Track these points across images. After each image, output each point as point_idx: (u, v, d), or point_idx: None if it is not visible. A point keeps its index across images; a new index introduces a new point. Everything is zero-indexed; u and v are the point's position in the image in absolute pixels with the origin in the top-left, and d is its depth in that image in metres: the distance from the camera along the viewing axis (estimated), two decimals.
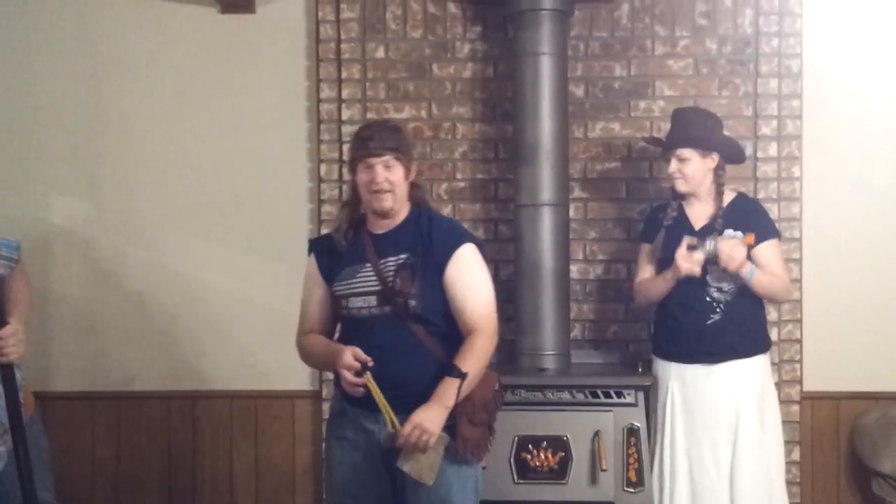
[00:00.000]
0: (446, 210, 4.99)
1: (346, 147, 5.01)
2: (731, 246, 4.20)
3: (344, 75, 5.07)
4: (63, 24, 5.21)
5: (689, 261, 4.21)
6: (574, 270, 4.96)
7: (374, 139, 3.58)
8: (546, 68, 4.69)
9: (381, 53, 5.08)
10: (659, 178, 4.98)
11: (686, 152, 4.32)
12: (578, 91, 5.02)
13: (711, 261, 4.23)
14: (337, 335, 3.77)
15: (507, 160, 5.01)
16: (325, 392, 5.01)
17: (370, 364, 3.43)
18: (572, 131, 4.95)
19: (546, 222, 4.68)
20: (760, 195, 4.85)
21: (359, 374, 3.42)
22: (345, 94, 5.07)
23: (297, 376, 5.11)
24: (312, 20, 5.11)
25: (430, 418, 3.40)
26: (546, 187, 4.68)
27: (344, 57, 5.07)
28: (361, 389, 3.43)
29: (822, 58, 4.99)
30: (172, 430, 5.17)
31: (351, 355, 3.44)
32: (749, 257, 4.28)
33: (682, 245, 4.24)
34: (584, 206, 5.04)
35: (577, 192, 5.02)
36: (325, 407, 4.93)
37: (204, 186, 5.16)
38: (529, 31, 4.68)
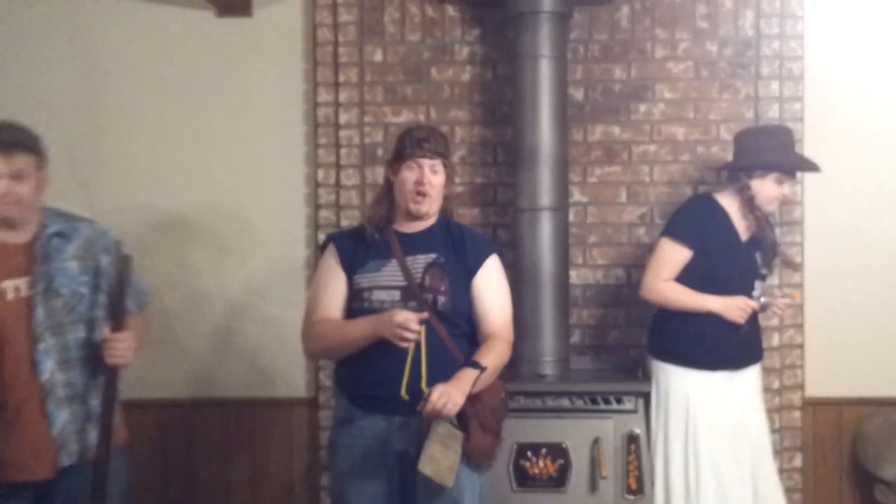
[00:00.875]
0: None
1: (343, 151, 5.01)
2: (783, 307, 4.36)
3: (341, 79, 5.04)
4: (60, 28, 5.19)
5: (747, 313, 4.29)
6: (573, 275, 4.93)
7: (429, 141, 3.64)
8: (545, 71, 4.66)
9: (378, 57, 5.06)
10: (658, 182, 4.97)
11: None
12: (578, 94, 4.99)
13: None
14: None
15: (506, 164, 4.98)
16: (321, 399, 4.98)
17: (425, 317, 3.43)
18: (572, 135, 4.92)
19: (545, 227, 4.65)
20: None
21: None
22: (342, 97, 5.04)
23: (294, 384, 5.12)
24: (310, 23, 5.09)
25: (455, 391, 3.40)
26: (545, 191, 4.65)
27: (341, 60, 5.04)
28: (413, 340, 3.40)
29: (824, 60, 4.97)
30: (168, 438, 5.14)
31: (405, 312, 3.41)
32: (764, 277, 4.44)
33: (753, 303, 4.30)
34: (583, 210, 5.01)
35: (576, 196, 4.99)
36: (323, 414, 4.93)
37: (200, 190, 5.13)
38: (528, 33, 4.65)
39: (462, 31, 5.04)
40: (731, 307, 4.27)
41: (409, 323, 3.36)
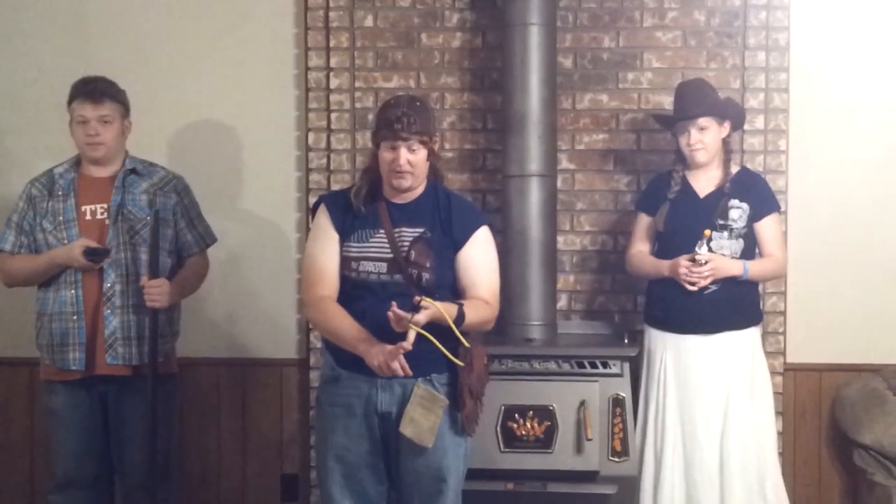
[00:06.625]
0: None
1: (334, 116, 5.05)
2: (712, 269, 4.29)
3: (332, 44, 5.06)
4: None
5: (688, 272, 4.29)
6: (561, 241, 4.98)
7: (402, 121, 3.58)
8: (535, 39, 4.68)
9: (369, 22, 5.07)
10: (646, 149, 5.01)
11: (705, 121, 4.38)
12: (567, 62, 5.02)
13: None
14: None
15: (495, 131, 5.01)
16: (312, 360, 5.03)
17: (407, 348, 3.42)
18: (560, 102, 4.95)
19: (534, 193, 4.69)
20: (747, 166, 4.84)
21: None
22: (333, 62, 5.06)
23: (284, 345, 5.16)
24: None
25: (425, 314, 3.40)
26: (534, 158, 4.68)
27: (332, 25, 5.05)
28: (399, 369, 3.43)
29: (810, 31, 5.00)
30: None
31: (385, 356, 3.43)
32: (751, 230, 4.39)
33: (683, 264, 4.29)
34: (571, 177, 5.05)
35: (564, 164, 5.02)
36: (313, 375, 4.97)
37: (191, 154, 5.14)
38: (518, 0, 4.68)
39: None
40: (674, 268, 4.34)
41: (390, 365, 3.40)
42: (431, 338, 3.42)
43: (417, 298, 3.41)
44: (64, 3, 5.21)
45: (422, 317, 3.38)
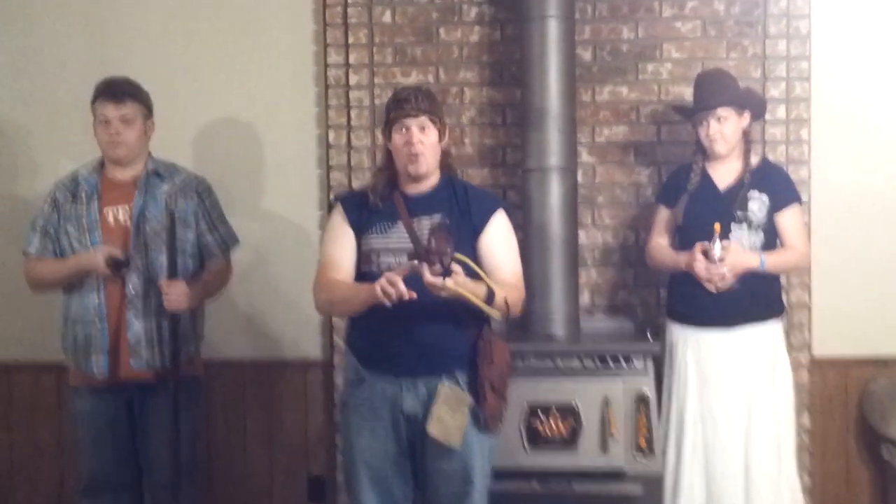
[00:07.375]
0: None
1: (354, 112, 5.05)
2: (732, 265, 4.25)
3: (351, 40, 5.05)
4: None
5: (707, 271, 4.25)
6: (582, 235, 4.96)
7: (410, 101, 3.67)
8: (553, 31, 4.66)
9: (388, 18, 5.06)
10: (667, 141, 4.98)
11: (724, 111, 4.35)
12: (586, 54, 5.00)
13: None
14: None
15: (514, 125, 4.99)
16: (336, 361, 5.03)
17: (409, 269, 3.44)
18: (580, 95, 4.93)
19: (554, 187, 4.67)
20: (769, 158, 4.81)
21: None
22: (352, 58, 5.05)
23: (308, 346, 5.17)
24: None
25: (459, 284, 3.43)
26: (554, 152, 4.66)
27: (351, 21, 5.04)
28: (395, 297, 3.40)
29: (831, 19, 4.95)
30: None
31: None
32: (772, 223, 4.34)
33: (699, 259, 4.26)
34: (592, 170, 5.03)
35: (584, 157, 5.00)
36: (337, 376, 4.98)
37: (212, 154, 5.15)
38: None
39: None
40: (690, 262, 4.30)
41: (392, 282, 3.38)
42: (466, 293, 3.42)
43: (449, 259, 3.43)
44: (86, 4, 5.22)
45: (451, 281, 3.39)
